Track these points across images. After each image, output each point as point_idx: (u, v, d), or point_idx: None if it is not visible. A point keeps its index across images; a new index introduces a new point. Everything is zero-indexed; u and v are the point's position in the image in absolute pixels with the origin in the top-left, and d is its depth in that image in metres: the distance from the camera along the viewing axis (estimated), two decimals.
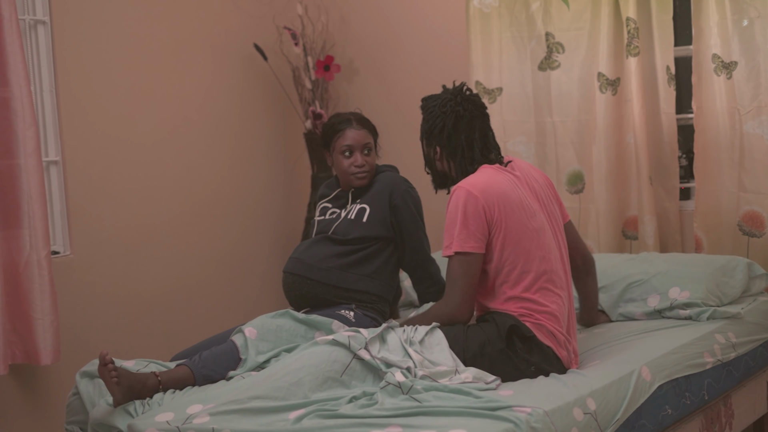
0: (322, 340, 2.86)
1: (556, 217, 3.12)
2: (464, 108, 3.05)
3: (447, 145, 3.07)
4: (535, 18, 4.30)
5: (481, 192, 2.94)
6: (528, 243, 2.95)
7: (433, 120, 3.07)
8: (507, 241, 2.95)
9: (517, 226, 2.95)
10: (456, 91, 3.09)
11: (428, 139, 3.12)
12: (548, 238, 3.02)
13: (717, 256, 3.77)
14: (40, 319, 3.59)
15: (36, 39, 3.93)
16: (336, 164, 3.59)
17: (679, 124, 4.19)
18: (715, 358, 3.27)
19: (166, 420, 2.65)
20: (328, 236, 3.50)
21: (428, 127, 3.10)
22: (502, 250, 2.95)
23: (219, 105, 4.66)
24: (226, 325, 4.07)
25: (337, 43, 4.97)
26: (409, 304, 4.00)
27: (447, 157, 3.09)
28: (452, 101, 3.05)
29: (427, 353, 2.86)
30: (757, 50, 3.83)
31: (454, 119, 3.05)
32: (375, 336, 2.86)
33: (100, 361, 2.83)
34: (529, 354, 2.92)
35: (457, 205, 2.94)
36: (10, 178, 3.55)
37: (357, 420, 2.53)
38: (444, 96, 3.09)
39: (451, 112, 3.05)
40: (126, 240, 4.19)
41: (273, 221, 4.95)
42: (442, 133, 3.06)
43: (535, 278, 2.96)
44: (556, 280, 3.00)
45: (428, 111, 3.10)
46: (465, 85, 3.11)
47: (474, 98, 3.09)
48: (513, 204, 2.96)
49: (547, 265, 2.98)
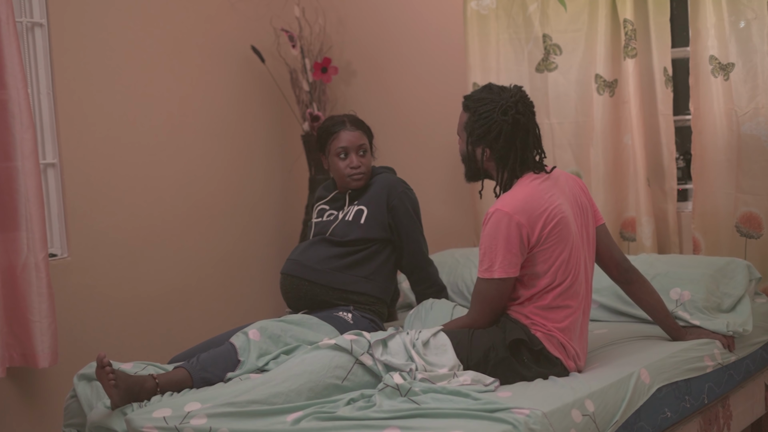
0: (324, 344, 2.85)
1: (588, 226, 3.05)
2: (524, 115, 2.95)
3: (500, 149, 2.96)
4: (532, 20, 4.31)
5: (522, 213, 2.86)
6: (566, 253, 2.91)
7: (489, 125, 2.94)
8: (546, 253, 2.89)
9: (558, 238, 2.90)
10: (517, 97, 2.95)
11: (478, 141, 2.98)
12: (582, 247, 2.97)
13: (716, 258, 3.76)
14: (37, 321, 3.58)
15: (33, 41, 3.92)
16: (332, 167, 3.59)
17: (677, 126, 4.19)
18: (715, 362, 3.27)
19: (163, 416, 2.65)
20: (326, 238, 3.50)
21: (482, 131, 2.95)
22: (540, 262, 2.90)
23: (216, 107, 4.66)
24: (224, 327, 4.07)
25: (335, 45, 4.97)
26: (407, 306, 4.00)
27: (496, 159, 2.99)
28: (514, 109, 2.93)
29: (430, 356, 2.85)
30: (754, 52, 3.83)
31: (513, 126, 2.93)
32: (378, 340, 2.85)
33: (98, 364, 2.82)
34: (537, 364, 2.91)
35: (498, 228, 2.85)
36: (7, 181, 3.55)
37: (355, 422, 2.53)
38: (502, 101, 2.94)
39: (512, 120, 2.93)
40: (123, 242, 4.18)
41: (270, 223, 4.94)
42: (499, 138, 2.94)
43: (560, 292, 2.92)
44: (576, 293, 2.96)
45: (483, 115, 2.95)
46: (521, 89, 3.00)
47: (529, 102, 2.99)
48: (554, 216, 2.89)
49: (574, 278, 2.94)
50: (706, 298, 3.49)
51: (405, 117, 4.78)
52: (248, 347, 3.09)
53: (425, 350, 2.86)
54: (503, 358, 2.87)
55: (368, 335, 2.87)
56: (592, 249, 3.07)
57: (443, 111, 4.51)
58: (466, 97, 3.05)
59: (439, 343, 2.88)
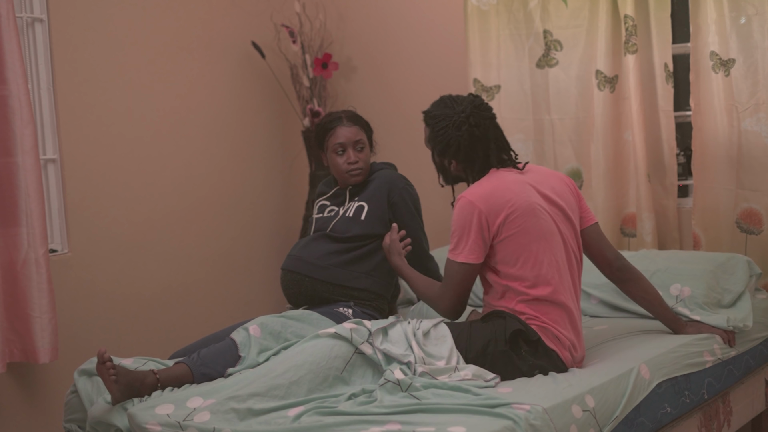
0: (323, 332, 2.85)
1: (572, 222, 3.06)
2: (479, 127, 3.00)
3: (464, 159, 3.04)
4: (533, 15, 4.30)
5: (485, 201, 2.92)
6: (534, 246, 2.93)
7: (447, 140, 3.01)
8: (512, 244, 2.93)
9: (522, 229, 2.93)
10: (468, 110, 3.00)
11: (442, 154, 3.06)
12: (556, 241, 2.99)
13: (717, 254, 3.77)
14: (38, 317, 3.58)
15: (33, 37, 3.92)
16: (330, 163, 3.59)
17: (677, 122, 4.19)
18: (714, 357, 3.27)
19: (166, 413, 2.65)
20: (327, 234, 3.50)
21: (442, 146, 3.03)
22: (509, 253, 2.94)
23: (217, 103, 4.65)
24: (225, 323, 4.07)
25: (335, 41, 4.96)
26: (407, 302, 4.01)
27: (463, 168, 3.07)
28: (466, 124, 2.98)
29: (429, 346, 2.86)
30: (754, 47, 3.83)
31: (469, 139, 3.00)
32: (378, 329, 2.86)
33: (99, 359, 2.82)
34: (534, 356, 2.91)
35: (462, 214, 2.94)
36: (7, 176, 3.55)
37: (356, 417, 2.53)
38: (455, 116, 3.00)
39: (467, 134, 2.99)
40: (124, 238, 4.18)
41: (271, 219, 4.95)
42: (459, 151, 3.02)
43: (542, 281, 2.93)
44: (563, 284, 2.98)
45: (440, 131, 3.02)
46: (476, 99, 3.04)
47: (484, 109, 3.03)
48: (518, 208, 2.93)
49: (554, 267, 2.96)
50: (706, 294, 3.50)
51: (405, 113, 4.77)
52: (249, 343, 3.09)
53: (425, 340, 2.87)
54: (502, 351, 2.88)
55: (368, 323, 2.88)
56: (576, 244, 3.08)
57: None
58: (424, 113, 3.12)
59: (439, 333, 2.90)
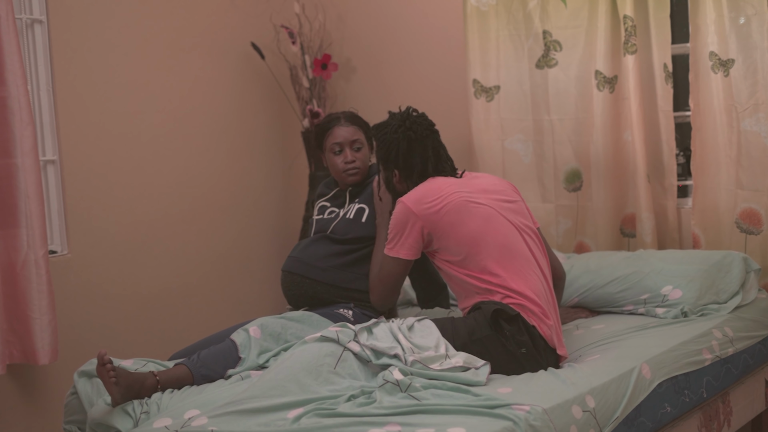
0: (310, 338, 2.87)
1: (521, 213, 3.18)
2: (414, 131, 3.20)
3: (404, 167, 3.22)
4: (532, 16, 4.30)
5: (416, 203, 3.08)
6: (477, 231, 3.03)
7: (387, 146, 3.23)
8: (451, 240, 3.05)
9: (460, 219, 3.05)
10: (404, 115, 3.23)
11: (385, 165, 3.26)
12: (499, 223, 3.08)
13: (712, 252, 3.76)
14: (37, 318, 3.58)
15: (33, 38, 3.92)
16: (329, 163, 3.60)
17: (677, 122, 4.19)
18: (713, 354, 3.27)
19: (164, 425, 2.65)
20: (327, 235, 3.50)
21: (384, 153, 3.25)
22: (452, 251, 3.06)
23: (216, 104, 4.65)
24: (225, 324, 4.07)
25: (335, 42, 4.96)
26: (407, 303, 4.01)
27: (404, 178, 3.24)
28: (402, 126, 3.20)
29: (416, 338, 2.88)
30: (754, 48, 3.83)
31: (407, 143, 3.20)
32: (363, 327, 2.89)
33: (98, 361, 2.82)
34: (519, 333, 2.93)
35: (398, 216, 3.12)
36: (7, 178, 3.55)
37: (355, 419, 2.52)
38: (393, 122, 3.23)
39: (404, 137, 3.20)
40: (123, 239, 4.18)
41: (271, 220, 4.95)
42: (398, 156, 3.22)
43: (498, 260, 3.01)
44: (521, 259, 3.04)
45: (381, 139, 3.25)
46: (411, 109, 3.26)
47: (421, 120, 3.24)
48: (450, 203, 3.07)
49: (504, 246, 3.04)
50: (698, 297, 3.53)
51: None
52: (249, 344, 3.09)
53: (411, 334, 2.91)
54: (487, 335, 2.92)
55: (353, 326, 2.90)
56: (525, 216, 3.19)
57: (443, 108, 4.51)
58: (372, 129, 3.34)
59: (424, 326, 2.95)
